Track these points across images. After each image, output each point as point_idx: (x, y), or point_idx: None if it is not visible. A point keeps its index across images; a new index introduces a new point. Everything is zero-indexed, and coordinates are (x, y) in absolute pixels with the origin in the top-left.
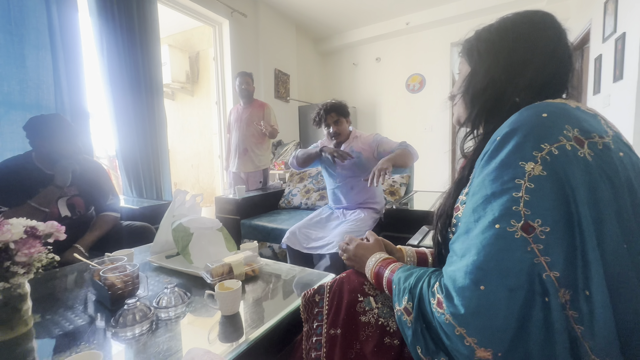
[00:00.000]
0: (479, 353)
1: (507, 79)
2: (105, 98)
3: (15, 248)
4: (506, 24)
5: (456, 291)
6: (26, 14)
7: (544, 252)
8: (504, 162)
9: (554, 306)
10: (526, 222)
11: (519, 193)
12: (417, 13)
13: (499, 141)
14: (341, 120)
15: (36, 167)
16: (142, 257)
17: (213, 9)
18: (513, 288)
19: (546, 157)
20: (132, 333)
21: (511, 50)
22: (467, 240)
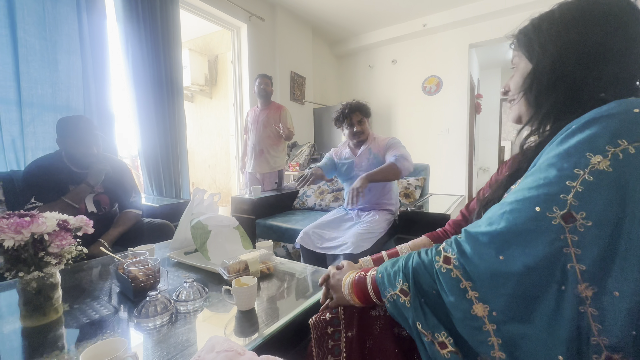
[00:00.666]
0: (476, 307)
1: (584, 74)
2: (129, 100)
3: (49, 239)
4: (572, 11)
5: (474, 250)
6: (59, 20)
7: (576, 244)
8: (570, 150)
9: (568, 296)
10: (569, 212)
11: (573, 183)
12: (434, 14)
13: (574, 129)
14: (364, 120)
15: (66, 166)
16: (162, 253)
17: (232, 13)
18: (531, 267)
19: (619, 154)
20: (154, 324)
21: (584, 40)
22: (500, 210)
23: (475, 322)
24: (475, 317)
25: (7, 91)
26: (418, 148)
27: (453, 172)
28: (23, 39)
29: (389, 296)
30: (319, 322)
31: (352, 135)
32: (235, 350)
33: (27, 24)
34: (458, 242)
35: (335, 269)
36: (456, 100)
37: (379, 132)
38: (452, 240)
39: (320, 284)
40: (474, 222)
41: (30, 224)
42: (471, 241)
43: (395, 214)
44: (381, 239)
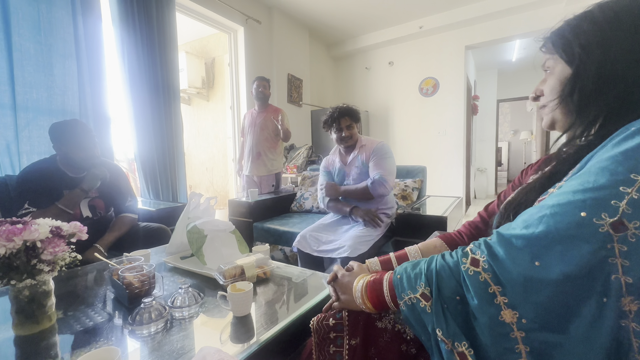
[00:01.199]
0: (504, 313)
1: (636, 74)
2: (125, 103)
3: (42, 247)
4: (616, 11)
5: (507, 254)
6: (54, 24)
7: (625, 255)
8: (629, 151)
9: (610, 309)
10: (620, 220)
11: (628, 189)
12: (430, 17)
13: (633, 131)
14: (353, 125)
15: (61, 170)
16: (158, 257)
17: (228, 16)
18: (570, 276)
19: None
20: (148, 331)
21: (634, 39)
22: (539, 213)
23: (502, 328)
24: (503, 324)
25: (2, 95)
26: (415, 150)
27: (450, 174)
28: (18, 43)
29: (407, 299)
30: (321, 326)
31: (340, 140)
32: None
33: (21, 28)
34: (488, 244)
35: (343, 270)
36: (453, 101)
37: (376, 135)
38: (481, 242)
39: (329, 281)
40: (507, 224)
41: (23, 231)
42: (504, 244)
43: (391, 217)
44: (378, 242)
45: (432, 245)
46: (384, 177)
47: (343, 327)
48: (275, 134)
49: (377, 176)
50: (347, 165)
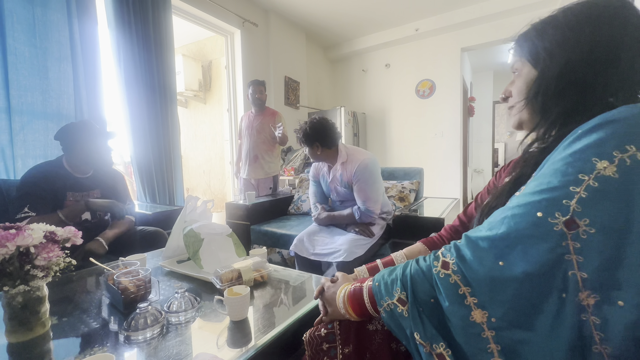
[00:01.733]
0: (474, 314)
1: (593, 78)
2: (121, 106)
3: (35, 252)
4: (577, 16)
5: (474, 255)
6: (50, 28)
7: (578, 251)
8: (576, 154)
9: (569, 304)
10: (572, 218)
11: (577, 188)
12: (426, 19)
13: (580, 133)
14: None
15: (66, 171)
16: (155, 261)
17: (225, 19)
18: (531, 274)
19: (626, 160)
20: (144, 337)
21: (592, 47)
22: (501, 215)
23: (473, 328)
24: (474, 324)
25: None
26: (412, 151)
27: (447, 175)
28: (12, 46)
29: (385, 305)
30: (313, 338)
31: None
32: None
33: (16, 31)
34: (457, 247)
35: (329, 282)
36: (449, 103)
37: (373, 137)
38: (451, 245)
39: (316, 297)
40: (476, 227)
41: (16, 236)
42: (471, 246)
43: (388, 219)
44: (375, 245)
45: (417, 250)
46: (369, 209)
47: (335, 336)
48: (273, 137)
49: (363, 208)
50: (330, 182)
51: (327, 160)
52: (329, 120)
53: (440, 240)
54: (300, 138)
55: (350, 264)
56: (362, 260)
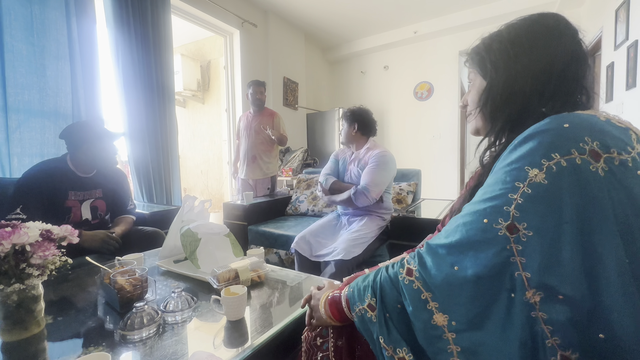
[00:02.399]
0: (436, 317)
1: (531, 90)
2: (119, 105)
3: (31, 250)
4: (518, 32)
5: (433, 262)
6: (48, 26)
7: (521, 253)
8: (513, 164)
9: (518, 303)
10: (512, 223)
11: (515, 195)
12: (424, 22)
13: (515, 144)
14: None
15: (70, 170)
16: (151, 261)
17: (225, 19)
18: (481, 277)
19: (552, 167)
20: (140, 336)
21: (530, 59)
22: (455, 223)
23: (435, 331)
24: (436, 327)
25: None
26: (410, 153)
27: (445, 177)
28: (9, 44)
29: (357, 310)
30: (308, 333)
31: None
32: None
33: (14, 29)
34: (420, 254)
35: (316, 290)
36: (447, 105)
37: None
38: (415, 253)
39: (303, 305)
40: (437, 234)
41: (12, 234)
42: (431, 253)
43: (387, 220)
44: (372, 245)
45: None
46: (367, 188)
47: (327, 330)
48: (271, 138)
49: (361, 186)
50: (349, 162)
51: (356, 143)
52: (372, 114)
53: None
54: (346, 113)
55: (348, 263)
56: (360, 259)
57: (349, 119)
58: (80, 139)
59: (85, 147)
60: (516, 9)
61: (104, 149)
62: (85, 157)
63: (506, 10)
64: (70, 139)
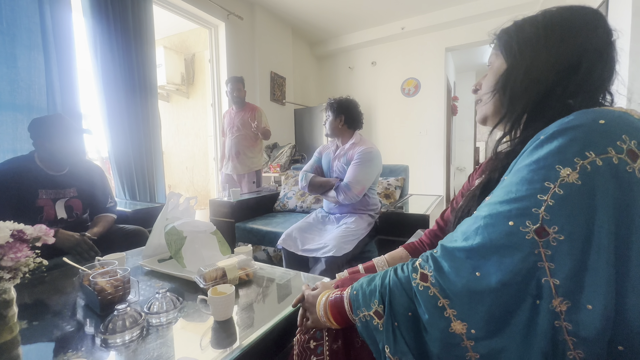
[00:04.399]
0: (454, 325)
1: (556, 80)
2: (98, 99)
3: (1, 252)
4: (553, 18)
5: (451, 267)
6: (18, 13)
7: (550, 258)
8: (540, 161)
9: (543, 311)
10: (542, 226)
11: (544, 197)
12: (412, 18)
13: (542, 140)
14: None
15: (38, 168)
16: (134, 260)
17: (209, 11)
18: (506, 283)
19: (587, 166)
20: (122, 339)
21: (560, 48)
22: (474, 225)
23: (453, 339)
24: (454, 335)
25: None
26: (398, 149)
27: (432, 173)
28: None
29: (361, 315)
30: (301, 335)
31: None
32: None
33: None
34: (435, 259)
35: (309, 289)
36: (434, 102)
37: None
38: (428, 256)
39: (294, 305)
40: (450, 235)
41: None
42: (448, 257)
43: (375, 216)
44: (362, 241)
45: (398, 256)
46: (348, 185)
47: (322, 333)
48: (254, 133)
49: (344, 183)
50: (334, 157)
51: (342, 136)
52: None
53: (422, 246)
54: (331, 104)
55: (339, 259)
56: (349, 256)
57: (335, 111)
58: (42, 134)
59: (47, 143)
60: (501, 7)
61: (69, 146)
62: (49, 154)
63: (492, 7)
64: (33, 135)
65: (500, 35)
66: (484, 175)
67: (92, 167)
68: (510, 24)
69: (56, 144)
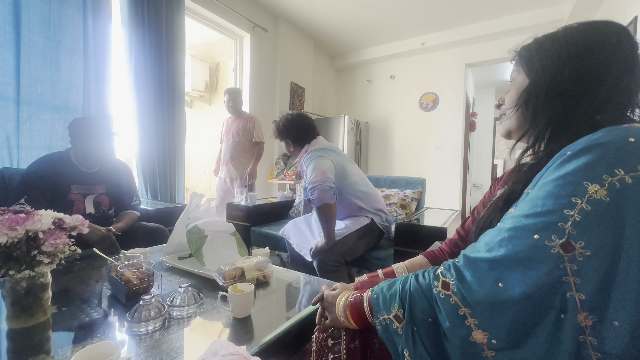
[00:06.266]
0: (475, 334)
1: (579, 94)
2: (130, 102)
3: (43, 238)
4: (574, 34)
5: (474, 276)
6: (65, 21)
7: (576, 273)
8: (568, 177)
9: (568, 325)
10: (568, 241)
11: (571, 212)
12: (432, 34)
13: (569, 155)
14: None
15: (73, 164)
16: (155, 257)
17: (236, 23)
18: (530, 295)
19: (616, 183)
20: (146, 329)
21: (582, 63)
22: (498, 237)
23: (473, 348)
24: (474, 344)
25: (6, 88)
26: (413, 162)
27: (447, 187)
28: (26, 37)
29: (381, 319)
30: (320, 333)
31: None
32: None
33: (31, 23)
34: (457, 268)
35: (329, 289)
36: (452, 117)
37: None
38: (450, 264)
39: (314, 303)
40: (472, 245)
41: (26, 220)
42: (471, 267)
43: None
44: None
45: (418, 263)
46: (309, 183)
47: (340, 332)
48: (248, 140)
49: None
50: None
51: (299, 154)
52: (305, 118)
53: (442, 254)
54: (275, 132)
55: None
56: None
57: (280, 137)
58: (77, 134)
59: (82, 142)
60: (522, 25)
61: (100, 146)
62: (84, 152)
63: (513, 26)
64: (72, 133)
65: (521, 52)
66: (507, 187)
67: (120, 167)
68: (531, 40)
69: (91, 143)
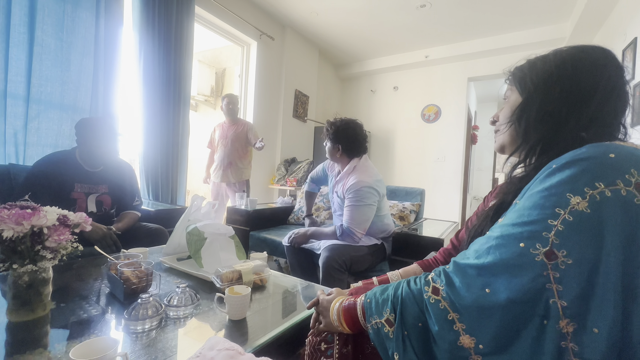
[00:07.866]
0: (463, 339)
1: (568, 112)
2: (137, 104)
3: (47, 233)
4: (564, 56)
5: (462, 282)
6: (77, 24)
7: (558, 280)
8: (552, 189)
9: (550, 331)
10: (551, 250)
11: (555, 222)
12: (436, 47)
13: (555, 168)
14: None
15: (77, 163)
16: (154, 257)
17: (244, 31)
18: (515, 301)
19: (596, 196)
20: (143, 327)
21: (572, 84)
22: (486, 244)
23: (461, 352)
24: (462, 348)
25: (17, 86)
26: (414, 173)
27: (447, 199)
28: (40, 37)
29: (373, 323)
30: (313, 337)
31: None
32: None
33: (45, 25)
34: (447, 274)
35: (324, 294)
36: (453, 129)
37: (377, 156)
38: (440, 271)
39: (309, 307)
40: (462, 252)
41: (32, 216)
42: (460, 273)
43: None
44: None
45: (412, 271)
46: (350, 230)
47: (333, 337)
48: (245, 145)
49: (345, 226)
50: (335, 182)
51: (341, 164)
52: (362, 129)
53: (435, 263)
54: (328, 130)
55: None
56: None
57: (332, 139)
58: (86, 133)
59: (87, 142)
60: (525, 42)
61: (105, 146)
62: (89, 152)
63: (515, 42)
64: (78, 133)
65: (515, 72)
66: (497, 199)
67: (124, 167)
68: (524, 62)
69: (96, 143)
